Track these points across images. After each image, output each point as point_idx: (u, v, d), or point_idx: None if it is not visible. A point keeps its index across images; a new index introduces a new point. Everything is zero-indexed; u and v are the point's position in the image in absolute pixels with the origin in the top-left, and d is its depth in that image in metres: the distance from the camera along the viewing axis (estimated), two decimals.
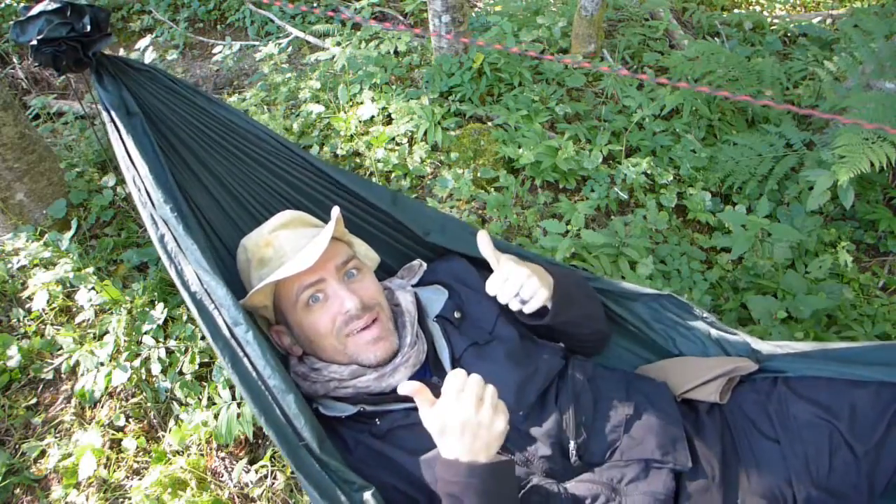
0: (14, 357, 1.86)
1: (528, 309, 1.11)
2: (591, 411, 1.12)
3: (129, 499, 1.61)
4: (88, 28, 1.05)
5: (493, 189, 2.46)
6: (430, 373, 1.17)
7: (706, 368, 1.20)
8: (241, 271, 1.26)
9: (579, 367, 1.20)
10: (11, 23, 1.06)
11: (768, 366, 1.21)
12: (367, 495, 0.93)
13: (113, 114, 1.12)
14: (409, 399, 0.94)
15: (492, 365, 1.14)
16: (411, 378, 1.06)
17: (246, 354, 0.99)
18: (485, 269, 1.21)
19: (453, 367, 1.14)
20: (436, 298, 1.26)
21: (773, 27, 3.75)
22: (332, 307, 1.12)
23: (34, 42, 1.04)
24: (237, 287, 1.24)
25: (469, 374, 0.96)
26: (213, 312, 1.01)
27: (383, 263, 1.40)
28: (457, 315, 1.22)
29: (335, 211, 1.16)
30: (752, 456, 1.12)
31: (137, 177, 1.10)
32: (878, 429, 1.04)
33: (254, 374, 0.98)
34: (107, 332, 1.86)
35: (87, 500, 1.64)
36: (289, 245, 1.16)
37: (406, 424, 1.08)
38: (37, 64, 1.06)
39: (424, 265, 1.36)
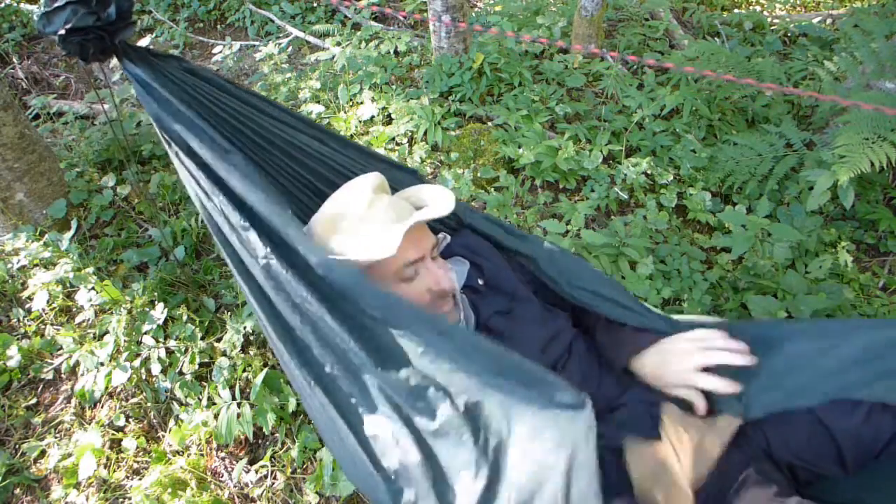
0: (14, 357, 1.86)
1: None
2: (595, 387, 1.18)
3: (129, 499, 1.61)
4: (114, 17, 1.07)
5: (493, 189, 2.46)
6: None
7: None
8: (322, 221, 1.20)
9: (585, 340, 1.26)
10: (36, 14, 1.08)
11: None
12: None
13: (146, 82, 1.12)
14: None
15: (516, 325, 1.21)
16: None
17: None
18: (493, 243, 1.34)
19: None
20: (459, 270, 1.32)
21: (773, 27, 3.75)
22: (422, 283, 1.17)
23: (62, 32, 1.05)
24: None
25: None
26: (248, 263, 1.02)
27: None
28: (480, 282, 1.29)
29: (450, 194, 1.21)
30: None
31: (183, 129, 1.07)
32: (868, 455, 1.02)
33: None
34: (107, 332, 1.86)
35: (87, 500, 1.64)
36: (393, 211, 1.17)
37: None
38: (64, 53, 1.08)
39: (448, 238, 1.38)
